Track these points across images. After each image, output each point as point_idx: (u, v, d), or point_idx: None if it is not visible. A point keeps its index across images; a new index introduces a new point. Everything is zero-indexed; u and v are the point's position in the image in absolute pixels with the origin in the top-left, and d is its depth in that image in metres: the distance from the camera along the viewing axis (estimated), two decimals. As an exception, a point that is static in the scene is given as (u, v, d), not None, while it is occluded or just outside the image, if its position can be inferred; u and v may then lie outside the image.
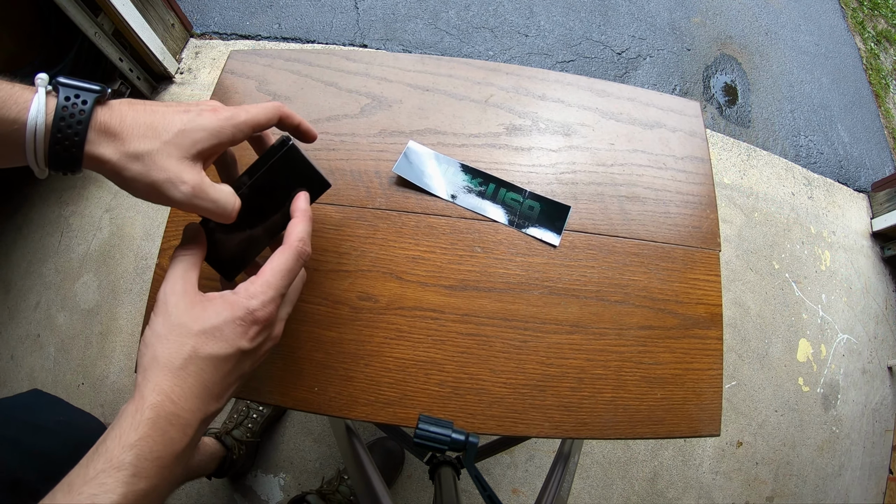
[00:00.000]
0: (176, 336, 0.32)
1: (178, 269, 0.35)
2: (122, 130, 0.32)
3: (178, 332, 0.32)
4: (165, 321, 0.33)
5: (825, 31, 2.18)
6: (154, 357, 0.31)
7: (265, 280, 0.35)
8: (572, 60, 1.82)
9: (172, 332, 0.32)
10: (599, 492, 1.22)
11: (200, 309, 0.33)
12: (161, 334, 0.32)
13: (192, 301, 0.34)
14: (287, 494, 1.14)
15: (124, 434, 0.28)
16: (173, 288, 0.34)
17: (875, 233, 1.66)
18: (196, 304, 0.34)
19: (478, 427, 0.50)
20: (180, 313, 0.33)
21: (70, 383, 1.23)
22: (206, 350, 0.32)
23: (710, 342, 0.55)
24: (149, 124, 0.33)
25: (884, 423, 1.45)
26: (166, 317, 0.33)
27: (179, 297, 0.34)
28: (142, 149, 0.32)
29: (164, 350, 0.31)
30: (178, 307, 0.33)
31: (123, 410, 0.30)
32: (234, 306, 0.34)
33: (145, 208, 1.38)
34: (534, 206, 0.58)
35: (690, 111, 0.65)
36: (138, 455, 0.28)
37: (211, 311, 0.33)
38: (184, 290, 0.34)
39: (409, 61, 0.65)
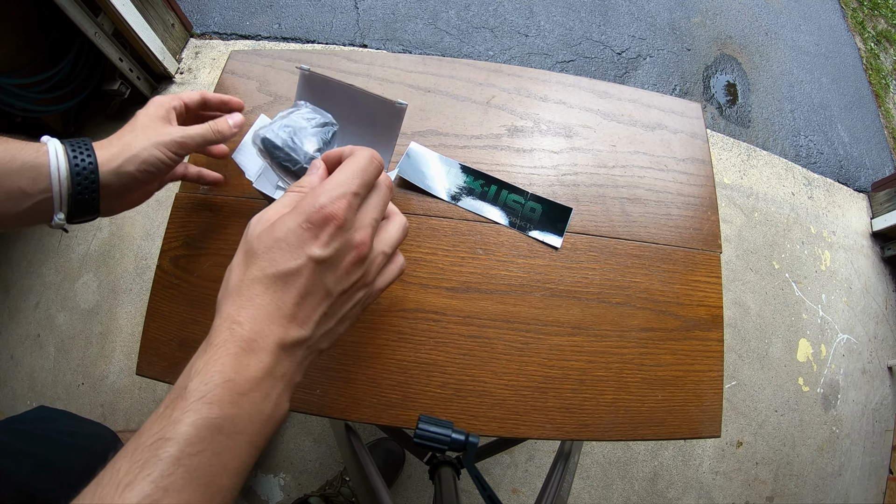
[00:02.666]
0: (245, 261, 0.30)
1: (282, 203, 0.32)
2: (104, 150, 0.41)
3: (248, 257, 0.30)
4: (241, 250, 0.31)
5: (825, 31, 2.18)
6: (226, 287, 0.30)
7: (335, 179, 0.31)
8: (572, 60, 1.82)
9: (244, 258, 0.30)
10: (599, 492, 1.23)
11: (272, 226, 0.30)
12: (235, 264, 0.31)
13: (272, 221, 0.31)
14: (287, 494, 1.14)
15: (192, 364, 0.26)
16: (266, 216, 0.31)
17: (875, 233, 1.66)
18: (272, 223, 0.30)
19: (480, 429, 0.50)
20: (254, 238, 0.30)
21: (70, 383, 1.23)
22: (270, 268, 0.29)
23: (710, 344, 0.55)
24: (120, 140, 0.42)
25: (884, 423, 1.45)
26: (243, 245, 0.31)
27: (262, 221, 0.31)
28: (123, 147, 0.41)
29: (234, 278, 0.30)
30: (255, 231, 0.31)
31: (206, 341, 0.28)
32: (298, 209, 0.30)
33: (145, 208, 1.38)
34: (535, 207, 0.58)
35: (692, 113, 0.65)
36: (203, 379, 0.25)
37: (278, 224, 0.30)
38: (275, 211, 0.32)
39: (410, 62, 0.65)
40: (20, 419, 0.62)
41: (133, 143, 0.41)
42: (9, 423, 0.58)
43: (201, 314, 0.53)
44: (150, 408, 1.20)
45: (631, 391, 0.52)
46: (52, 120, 1.38)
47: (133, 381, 1.22)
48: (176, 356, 0.52)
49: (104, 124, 1.48)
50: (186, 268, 0.54)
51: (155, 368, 0.52)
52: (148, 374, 0.52)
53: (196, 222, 0.56)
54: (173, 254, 0.55)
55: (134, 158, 0.40)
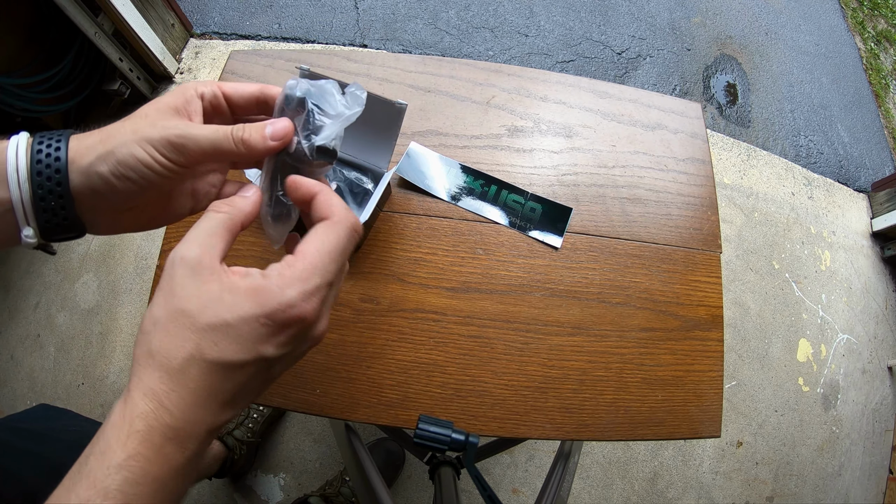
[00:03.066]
0: (176, 327, 0.24)
1: (202, 229, 0.27)
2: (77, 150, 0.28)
3: (179, 321, 0.24)
4: (167, 303, 0.25)
5: (825, 31, 2.18)
6: (149, 351, 0.24)
7: (310, 263, 0.26)
8: (572, 60, 1.82)
9: (173, 321, 0.24)
10: (599, 492, 1.23)
11: (214, 293, 0.25)
12: (159, 320, 0.25)
13: (206, 279, 0.25)
14: (287, 494, 1.14)
15: (110, 450, 0.22)
16: (185, 254, 0.26)
17: (875, 233, 1.66)
18: (209, 284, 0.25)
19: (480, 429, 0.50)
20: (186, 295, 0.25)
21: (70, 383, 1.23)
22: (212, 353, 0.24)
23: (710, 344, 0.55)
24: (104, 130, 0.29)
25: (884, 423, 1.45)
26: (169, 297, 0.25)
27: (189, 270, 0.25)
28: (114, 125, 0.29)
29: (160, 343, 0.24)
30: (186, 286, 0.25)
31: (111, 414, 0.24)
32: (259, 296, 0.25)
33: (145, 208, 1.38)
34: (535, 207, 0.58)
35: (692, 113, 0.65)
36: (127, 479, 0.22)
37: (228, 299, 0.25)
38: (198, 259, 0.25)
39: (410, 62, 0.65)
40: (21, 417, 0.61)
41: (115, 134, 0.28)
42: (10, 422, 0.58)
43: (201, 314, 0.53)
44: (150, 408, 1.20)
45: (631, 391, 0.52)
46: (52, 120, 1.38)
47: (133, 381, 1.22)
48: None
49: (105, 125, 1.48)
50: (186, 268, 0.54)
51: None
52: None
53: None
54: (173, 254, 0.55)
55: (108, 156, 0.28)
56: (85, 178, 0.28)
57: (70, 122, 1.44)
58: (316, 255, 0.27)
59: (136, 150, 0.28)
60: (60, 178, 0.27)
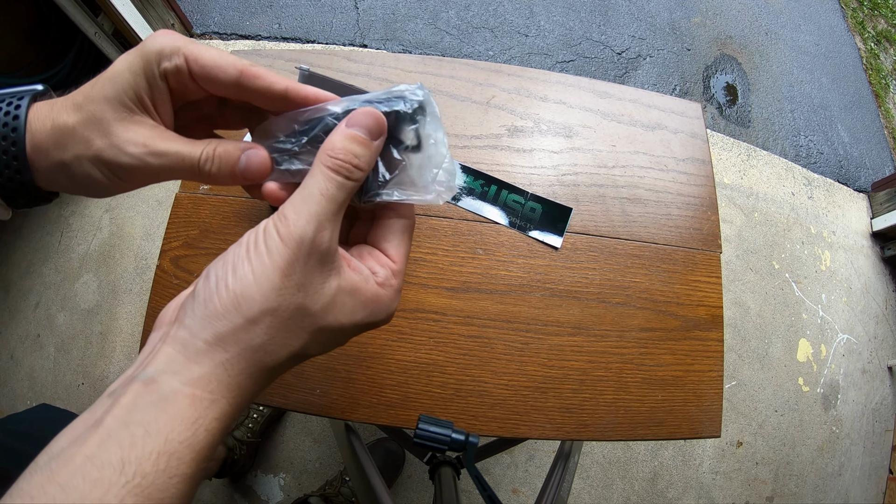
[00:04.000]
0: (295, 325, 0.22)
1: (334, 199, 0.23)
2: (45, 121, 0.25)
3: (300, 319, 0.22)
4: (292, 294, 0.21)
5: (825, 31, 2.18)
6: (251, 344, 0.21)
7: (402, 270, 0.27)
8: (572, 60, 1.82)
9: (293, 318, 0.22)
10: (599, 492, 1.23)
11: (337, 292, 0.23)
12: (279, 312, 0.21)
13: (331, 273, 0.23)
14: (287, 494, 1.14)
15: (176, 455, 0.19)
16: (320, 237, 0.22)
17: (875, 233, 1.66)
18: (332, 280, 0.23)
19: (480, 429, 0.50)
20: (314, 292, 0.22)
21: (70, 383, 1.23)
22: (315, 350, 0.24)
23: (710, 344, 0.55)
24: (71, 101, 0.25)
25: (884, 423, 1.45)
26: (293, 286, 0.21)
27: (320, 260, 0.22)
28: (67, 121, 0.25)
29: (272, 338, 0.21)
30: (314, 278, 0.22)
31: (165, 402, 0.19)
32: (375, 306, 0.25)
33: (145, 208, 1.38)
34: (535, 207, 0.58)
35: (692, 113, 0.65)
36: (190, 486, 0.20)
37: (349, 304, 0.23)
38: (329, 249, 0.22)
39: (410, 62, 0.65)
40: (21, 419, 0.61)
41: (69, 139, 0.25)
42: (10, 424, 0.58)
43: (201, 314, 0.53)
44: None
45: (631, 391, 0.52)
46: (52, 120, 1.38)
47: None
48: (176, 356, 0.52)
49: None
50: (186, 268, 0.54)
51: (155, 368, 0.52)
52: (148, 374, 0.52)
53: (196, 222, 0.56)
54: (173, 254, 0.55)
55: (64, 168, 0.25)
56: (43, 173, 0.26)
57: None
58: (404, 262, 0.28)
59: (92, 171, 0.25)
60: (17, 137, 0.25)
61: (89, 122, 0.24)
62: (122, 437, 0.18)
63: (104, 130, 0.24)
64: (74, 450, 0.18)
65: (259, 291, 0.21)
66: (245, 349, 0.21)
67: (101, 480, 0.17)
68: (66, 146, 0.25)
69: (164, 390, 0.20)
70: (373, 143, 0.24)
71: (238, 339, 0.21)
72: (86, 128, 0.24)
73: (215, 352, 0.21)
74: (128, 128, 0.24)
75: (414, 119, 0.25)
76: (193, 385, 0.20)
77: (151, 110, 0.25)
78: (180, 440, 0.19)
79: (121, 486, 0.17)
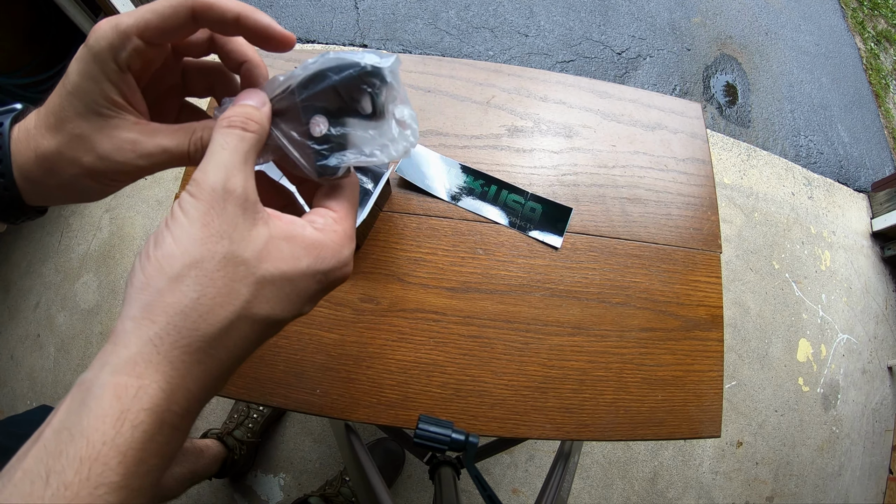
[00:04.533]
0: (226, 277, 0.20)
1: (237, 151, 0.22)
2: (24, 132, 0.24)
3: (231, 270, 0.20)
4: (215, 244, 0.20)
5: (825, 31, 2.18)
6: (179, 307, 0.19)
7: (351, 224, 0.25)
8: (572, 60, 1.82)
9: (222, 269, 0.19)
10: (599, 492, 1.23)
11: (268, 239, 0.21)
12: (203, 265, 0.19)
13: (256, 219, 0.21)
14: (287, 495, 1.14)
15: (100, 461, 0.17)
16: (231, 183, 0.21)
17: (875, 233, 1.66)
18: (260, 226, 0.21)
19: (480, 429, 0.50)
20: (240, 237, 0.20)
21: (70, 383, 1.23)
22: (262, 310, 0.20)
23: (710, 344, 0.55)
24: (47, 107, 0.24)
25: (884, 423, 1.45)
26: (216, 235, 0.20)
27: (240, 205, 0.21)
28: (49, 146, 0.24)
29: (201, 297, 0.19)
30: (238, 225, 0.20)
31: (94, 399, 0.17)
32: (320, 251, 0.22)
33: (145, 208, 1.38)
34: (535, 207, 0.58)
35: (692, 113, 0.65)
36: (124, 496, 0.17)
37: (286, 249, 0.21)
38: (245, 193, 0.21)
39: (410, 62, 0.65)
40: (22, 420, 0.61)
41: (53, 167, 0.24)
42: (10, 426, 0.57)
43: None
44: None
45: (631, 391, 0.52)
46: (52, 120, 1.38)
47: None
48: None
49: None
50: (186, 268, 0.54)
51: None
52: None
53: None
54: (173, 254, 0.55)
55: (59, 189, 0.25)
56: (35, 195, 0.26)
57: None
58: (352, 215, 0.26)
59: (89, 185, 0.25)
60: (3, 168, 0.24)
61: (71, 142, 0.24)
62: (51, 446, 0.17)
63: (88, 146, 0.24)
64: (16, 464, 0.17)
65: (179, 248, 0.19)
66: (174, 315, 0.19)
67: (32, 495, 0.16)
68: (56, 171, 0.24)
69: (92, 385, 0.18)
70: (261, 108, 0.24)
71: (165, 304, 0.19)
72: (69, 148, 0.24)
73: (142, 327, 0.18)
74: (110, 135, 0.24)
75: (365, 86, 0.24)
76: (119, 372, 0.18)
77: (125, 105, 0.24)
78: (103, 441, 0.17)
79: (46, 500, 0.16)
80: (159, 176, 1.41)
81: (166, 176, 1.41)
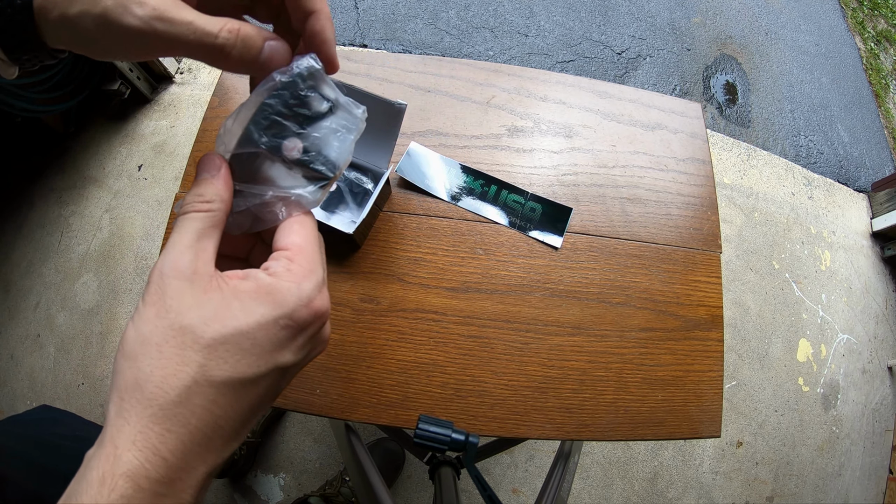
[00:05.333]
0: (173, 347, 0.20)
1: (188, 232, 0.23)
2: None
3: (177, 339, 0.21)
4: (159, 318, 0.21)
5: (825, 31, 2.18)
6: (136, 381, 0.20)
7: (310, 255, 0.24)
8: (572, 60, 1.82)
9: (168, 340, 0.21)
10: (599, 492, 1.23)
11: (219, 301, 0.22)
12: (149, 340, 0.21)
13: (206, 287, 0.22)
14: (287, 494, 1.14)
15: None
16: (176, 263, 0.22)
17: (875, 233, 1.66)
18: (211, 293, 0.22)
19: (479, 429, 0.50)
20: (184, 308, 0.21)
21: (70, 383, 1.23)
22: (220, 373, 0.21)
23: (710, 344, 0.55)
24: None
25: (884, 423, 1.45)
26: (162, 312, 0.21)
27: (186, 279, 0.22)
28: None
29: (151, 369, 0.20)
30: (183, 296, 0.21)
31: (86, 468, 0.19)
32: (274, 296, 0.22)
33: (145, 208, 1.38)
34: (535, 207, 0.58)
35: (692, 113, 0.65)
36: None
37: (236, 305, 0.22)
38: (193, 267, 0.22)
39: (410, 62, 0.65)
40: (22, 420, 0.61)
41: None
42: (12, 426, 0.57)
43: (201, 314, 0.53)
44: (150, 408, 1.20)
45: (631, 391, 0.52)
46: (52, 120, 1.38)
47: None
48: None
49: (104, 124, 1.48)
50: (186, 268, 0.54)
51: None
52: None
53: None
54: (173, 254, 0.55)
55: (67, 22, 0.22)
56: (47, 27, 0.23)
57: (70, 122, 1.44)
58: (309, 246, 0.25)
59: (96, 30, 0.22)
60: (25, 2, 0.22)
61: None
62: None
63: None
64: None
65: (135, 331, 0.21)
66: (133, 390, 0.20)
67: None
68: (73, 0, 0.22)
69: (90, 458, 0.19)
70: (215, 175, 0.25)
71: (125, 381, 0.20)
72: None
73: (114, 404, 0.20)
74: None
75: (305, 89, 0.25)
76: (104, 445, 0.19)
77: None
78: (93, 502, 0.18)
79: None
80: (159, 176, 1.41)
81: (166, 176, 1.41)
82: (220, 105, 0.61)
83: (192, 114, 1.50)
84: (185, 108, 1.51)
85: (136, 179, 1.42)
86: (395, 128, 0.48)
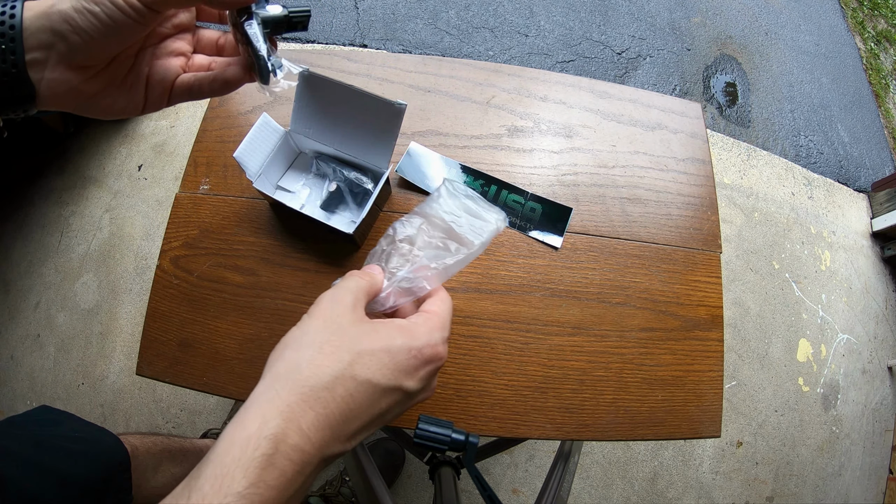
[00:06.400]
0: (333, 347, 0.26)
1: (350, 285, 0.30)
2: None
3: (336, 342, 0.26)
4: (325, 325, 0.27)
5: (825, 31, 2.18)
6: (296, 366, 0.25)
7: (443, 318, 0.31)
8: (572, 60, 1.82)
9: (331, 341, 0.26)
10: (599, 492, 1.23)
11: (370, 327, 0.28)
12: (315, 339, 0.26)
13: (361, 317, 0.29)
14: (287, 495, 1.14)
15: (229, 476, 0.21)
16: (341, 298, 0.29)
17: (875, 233, 1.66)
18: (365, 321, 0.29)
19: (480, 429, 0.50)
20: (347, 324, 0.28)
21: (70, 383, 1.23)
22: (364, 373, 0.26)
23: (710, 344, 0.55)
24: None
25: (884, 423, 1.45)
26: (327, 321, 0.28)
27: (347, 308, 0.29)
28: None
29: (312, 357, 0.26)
30: (344, 317, 0.28)
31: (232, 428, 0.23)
32: (411, 333, 0.29)
33: (145, 208, 1.38)
34: (535, 207, 0.58)
35: (692, 113, 0.65)
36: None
37: (383, 332, 0.28)
38: (353, 304, 0.29)
39: (410, 62, 0.65)
40: (22, 420, 0.61)
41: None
42: (11, 427, 0.57)
43: (201, 314, 0.53)
44: (150, 408, 1.20)
45: (631, 391, 0.52)
46: (51, 120, 1.38)
47: (133, 381, 1.22)
48: (176, 356, 0.52)
49: (104, 124, 1.48)
50: (186, 268, 0.54)
51: (155, 368, 0.52)
52: (148, 373, 0.52)
53: (196, 222, 0.56)
54: (173, 254, 0.55)
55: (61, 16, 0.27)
56: (44, 18, 0.26)
57: (70, 122, 1.44)
58: (445, 313, 0.32)
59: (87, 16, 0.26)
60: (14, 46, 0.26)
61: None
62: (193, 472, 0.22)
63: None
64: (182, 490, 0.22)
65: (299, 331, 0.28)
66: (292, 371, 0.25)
67: None
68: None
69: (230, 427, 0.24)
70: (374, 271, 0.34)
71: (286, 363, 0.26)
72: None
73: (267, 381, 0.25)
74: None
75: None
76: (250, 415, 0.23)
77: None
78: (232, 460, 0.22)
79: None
80: (159, 176, 1.41)
81: (166, 176, 1.41)
82: (220, 105, 0.61)
83: (191, 114, 1.50)
84: (185, 107, 1.51)
85: (136, 179, 1.42)
86: (394, 128, 0.48)
